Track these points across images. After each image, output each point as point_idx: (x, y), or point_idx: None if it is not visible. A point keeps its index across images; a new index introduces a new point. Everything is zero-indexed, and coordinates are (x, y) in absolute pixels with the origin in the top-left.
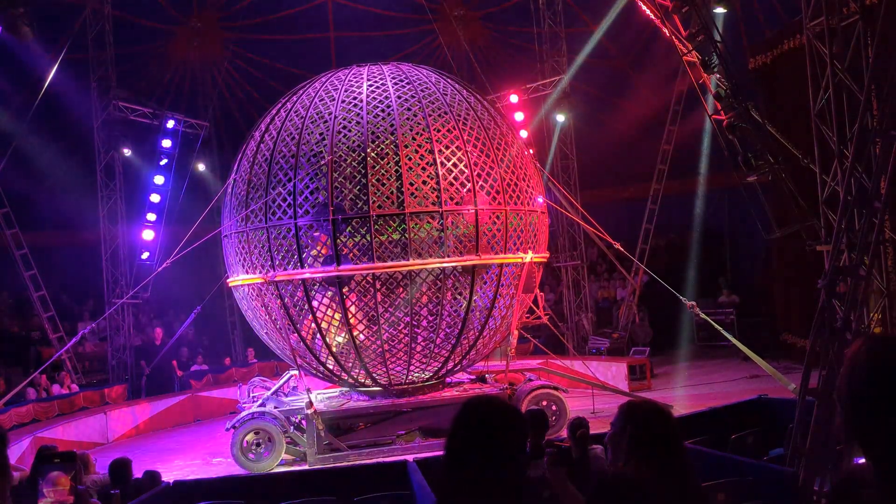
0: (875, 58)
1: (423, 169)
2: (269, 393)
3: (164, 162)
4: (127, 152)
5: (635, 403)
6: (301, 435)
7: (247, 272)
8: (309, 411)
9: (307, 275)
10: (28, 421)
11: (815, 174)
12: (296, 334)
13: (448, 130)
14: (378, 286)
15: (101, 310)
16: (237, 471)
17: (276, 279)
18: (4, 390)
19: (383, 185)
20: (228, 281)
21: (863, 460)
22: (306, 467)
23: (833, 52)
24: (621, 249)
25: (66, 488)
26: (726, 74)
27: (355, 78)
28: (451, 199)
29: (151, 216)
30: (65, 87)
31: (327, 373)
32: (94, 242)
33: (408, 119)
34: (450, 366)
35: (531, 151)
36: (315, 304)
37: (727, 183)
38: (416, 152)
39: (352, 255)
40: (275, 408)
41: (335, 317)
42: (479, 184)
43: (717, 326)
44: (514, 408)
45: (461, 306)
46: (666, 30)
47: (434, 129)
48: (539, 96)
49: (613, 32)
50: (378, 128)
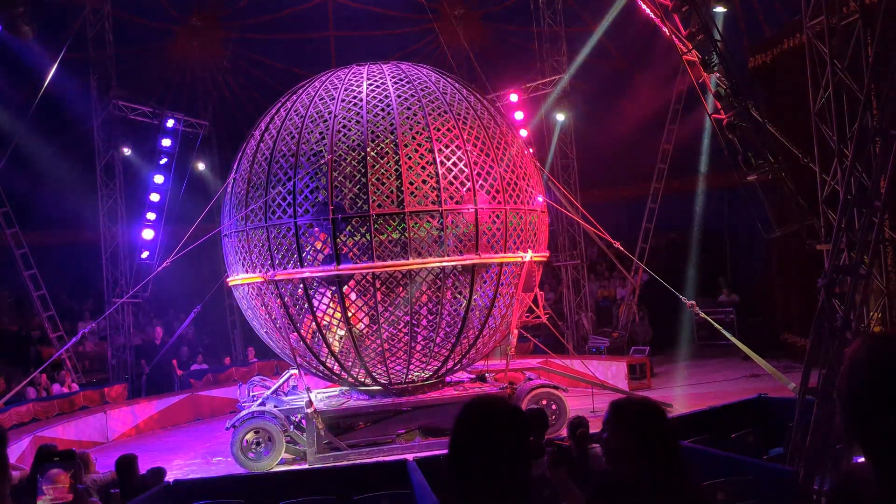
0: (875, 57)
1: (423, 168)
2: (268, 392)
3: (163, 161)
4: (127, 151)
5: (626, 401)
6: (301, 434)
7: (247, 271)
8: (309, 410)
9: (307, 274)
10: (28, 420)
11: (815, 173)
12: (295, 333)
13: (448, 129)
14: (378, 285)
15: (101, 309)
16: (237, 470)
17: (276, 278)
18: (4, 389)
19: (383, 184)
20: (228, 280)
21: (862, 459)
22: (306, 466)
23: (833, 51)
24: (621, 249)
25: (66, 486)
26: (726, 73)
27: (355, 77)
28: (451, 198)
29: (151, 215)
30: (65, 87)
31: (327, 372)
32: (94, 241)
33: (408, 118)
34: (450, 365)
35: (531, 151)
36: (315, 303)
37: (727, 182)
38: (416, 151)
39: (351, 254)
40: (275, 407)
41: (335, 316)
42: (479, 183)
43: (716, 325)
44: (516, 407)
45: (461, 305)
46: (666, 29)
47: (434, 129)
48: (539, 95)
49: (613, 32)
50: (378, 127)
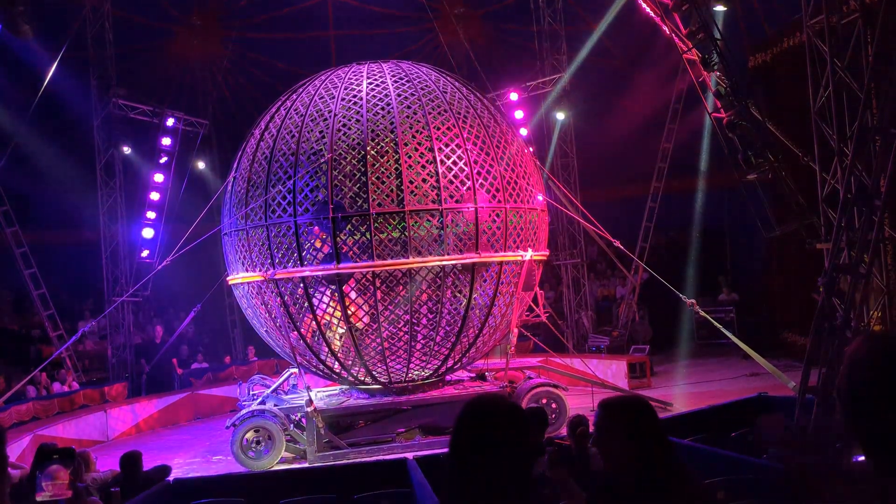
0: (875, 56)
1: (423, 167)
2: (269, 391)
3: (163, 160)
4: (127, 150)
5: (615, 400)
6: (301, 433)
7: (247, 270)
8: (309, 409)
9: (307, 273)
10: (28, 419)
11: (815, 172)
12: (295, 332)
13: (448, 128)
14: (378, 284)
15: (101, 308)
16: (237, 469)
17: (276, 277)
18: (4, 388)
19: (383, 182)
20: (228, 279)
21: (862, 458)
22: (306, 465)
23: (833, 50)
24: (621, 247)
25: (65, 482)
26: (726, 72)
27: (355, 76)
28: (451, 196)
29: (151, 214)
30: (64, 86)
31: (327, 371)
32: (94, 240)
33: (407, 117)
34: (450, 364)
35: (531, 149)
36: (315, 302)
37: (727, 181)
38: (416, 150)
39: (351, 253)
40: (275, 406)
41: (335, 315)
42: (479, 182)
43: (716, 324)
44: (516, 405)
45: (461, 304)
46: (666, 28)
47: (434, 127)
48: (539, 94)
49: (613, 31)
50: (378, 126)
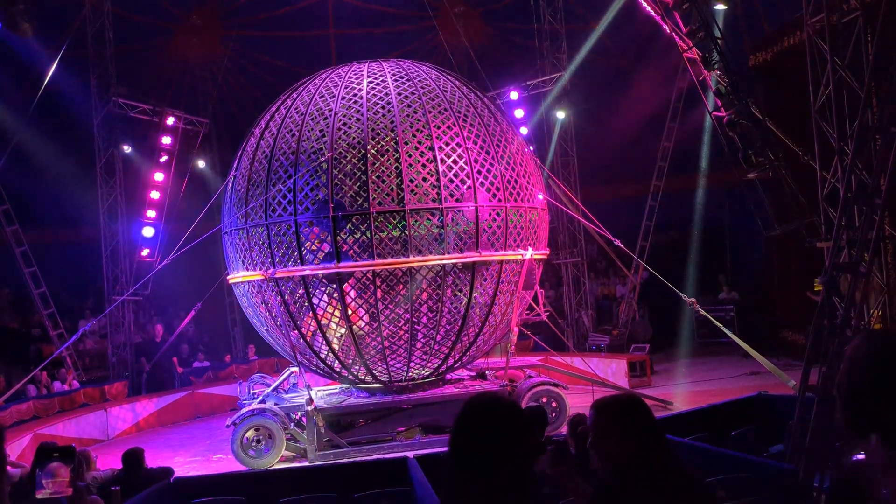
0: (875, 55)
1: (424, 166)
2: (269, 390)
3: (163, 159)
4: (127, 149)
5: (607, 400)
6: (301, 431)
7: (247, 269)
8: (309, 408)
9: (307, 271)
10: (29, 418)
11: (816, 171)
12: (296, 331)
13: (448, 127)
14: (378, 283)
15: (101, 307)
16: (237, 467)
17: (277, 276)
18: (5, 387)
19: (383, 181)
20: (229, 278)
21: (862, 456)
22: (306, 464)
23: (833, 49)
24: (621, 246)
25: (65, 480)
26: (726, 71)
27: (355, 75)
28: (451, 195)
29: (151, 213)
30: (64, 84)
31: (327, 370)
32: (94, 239)
33: (408, 116)
34: (450, 362)
35: (531, 148)
36: (315, 301)
37: (727, 180)
38: (417, 149)
39: (352, 251)
40: (275, 404)
41: (335, 313)
42: (480, 181)
43: (717, 323)
44: (516, 404)
45: (461, 303)
46: (666, 27)
47: (434, 126)
48: (539, 93)
49: (614, 29)
50: (378, 125)
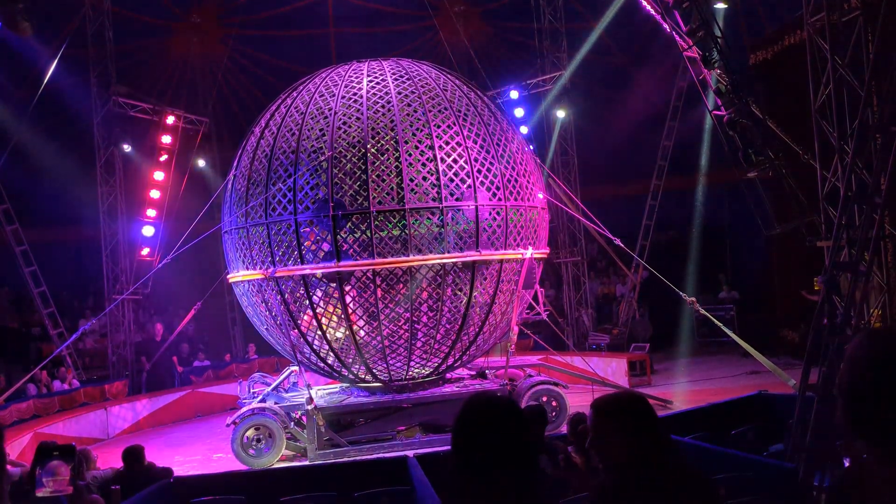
0: (876, 54)
1: (424, 165)
2: (269, 389)
3: (163, 158)
4: (127, 148)
5: (608, 398)
6: (301, 431)
7: (247, 268)
8: (309, 407)
9: (307, 271)
10: (29, 417)
11: (816, 170)
12: (296, 330)
13: (448, 126)
14: (378, 282)
15: (101, 306)
16: (238, 466)
17: (277, 275)
18: (5, 386)
19: (383, 181)
20: (229, 277)
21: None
22: (306, 463)
23: (834, 48)
24: (621, 245)
25: (66, 478)
26: (727, 70)
27: (355, 74)
28: (452, 195)
29: (151, 212)
30: (64, 83)
31: (327, 369)
32: (94, 238)
33: (408, 115)
34: (450, 362)
35: (531, 147)
36: (315, 300)
37: (728, 179)
38: (417, 148)
39: (352, 251)
40: (275, 404)
41: (335, 313)
42: (480, 180)
43: (717, 322)
44: (515, 403)
45: (461, 302)
46: (666, 25)
47: (434, 125)
48: (539, 92)
49: (614, 28)
50: (378, 124)
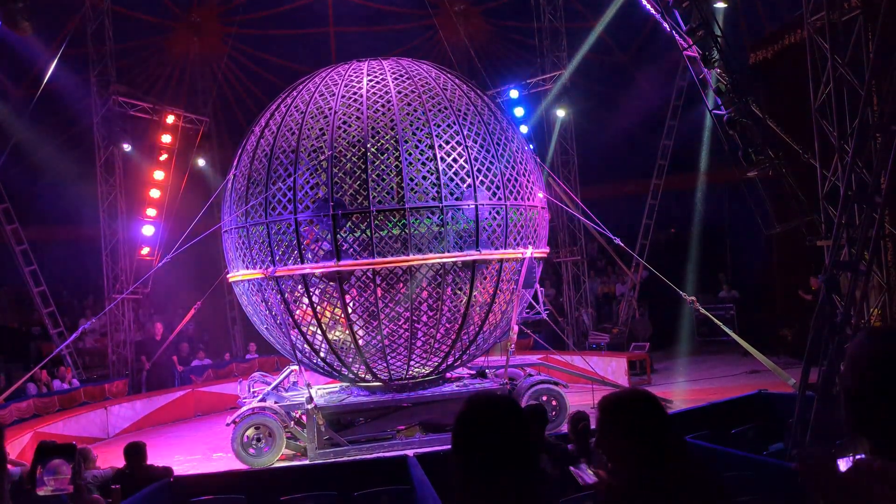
0: (876, 53)
1: (423, 164)
2: (269, 388)
3: (163, 157)
4: (127, 147)
5: (614, 397)
6: (301, 430)
7: (247, 267)
8: (309, 406)
9: (307, 270)
10: (29, 416)
11: (816, 169)
12: (296, 329)
13: (448, 126)
14: (378, 282)
15: (101, 305)
16: (238, 466)
17: (277, 274)
18: (5, 385)
19: (383, 180)
20: (228, 276)
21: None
22: (306, 462)
23: (834, 47)
24: (621, 245)
25: (67, 477)
26: (727, 69)
27: (355, 73)
28: (452, 194)
29: (151, 211)
30: (64, 82)
31: (327, 368)
32: (94, 238)
33: (408, 114)
34: (450, 361)
35: (531, 147)
36: (315, 300)
37: (728, 178)
38: (416, 147)
39: (352, 250)
40: (275, 403)
41: (335, 312)
42: (480, 179)
43: (717, 322)
44: (515, 402)
45: (461, 302)
46: (666, 25)
47: (434, 125)
48: (539, 92)
49: (614, 27)
50: (378, 123)
